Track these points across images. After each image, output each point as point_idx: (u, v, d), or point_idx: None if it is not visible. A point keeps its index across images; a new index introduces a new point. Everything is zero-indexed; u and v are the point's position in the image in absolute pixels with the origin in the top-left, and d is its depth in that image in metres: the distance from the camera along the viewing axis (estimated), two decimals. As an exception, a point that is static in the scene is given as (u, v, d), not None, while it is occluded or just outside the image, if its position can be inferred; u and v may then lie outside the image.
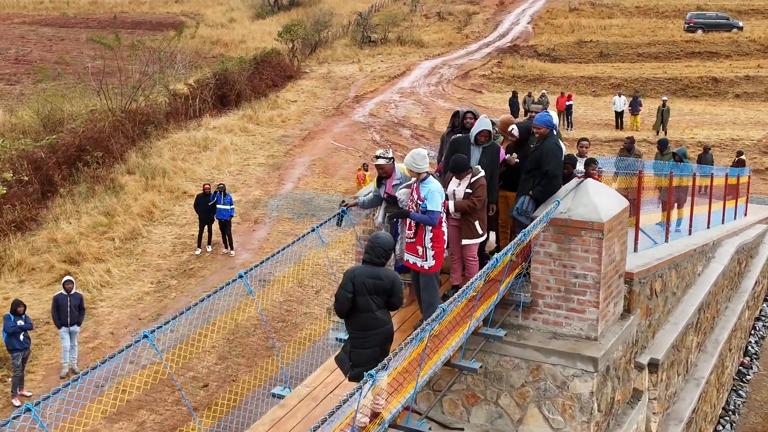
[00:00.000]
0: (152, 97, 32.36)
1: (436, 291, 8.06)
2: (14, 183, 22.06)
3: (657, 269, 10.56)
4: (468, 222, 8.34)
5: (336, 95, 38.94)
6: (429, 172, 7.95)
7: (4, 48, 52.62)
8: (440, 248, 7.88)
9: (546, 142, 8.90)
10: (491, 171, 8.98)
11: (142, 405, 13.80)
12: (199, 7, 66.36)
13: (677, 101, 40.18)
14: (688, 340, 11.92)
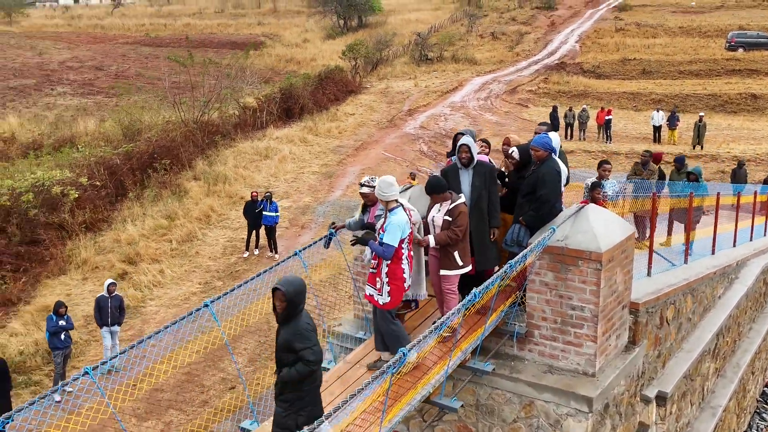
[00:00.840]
0: (224, 109, 31.89)
1: (396, 326, 6.75)
2: (88, 187, 21.66)
3: (669, 296, 9.01)
4: (447, 251, 7.01)
5: (391, 109, 37.73)
6: (399, 202, 6.65)
7: (107, 64, 53.32)
8: (396, 286, 6.57)
9: (543, 166, 7.50)
10: (488, 194, 7.62)
11: (172, 405, 12.94)
12: (278, 28, 66.11)
13: (716, 117, 37.57)
14: (704, 368, 10.29)
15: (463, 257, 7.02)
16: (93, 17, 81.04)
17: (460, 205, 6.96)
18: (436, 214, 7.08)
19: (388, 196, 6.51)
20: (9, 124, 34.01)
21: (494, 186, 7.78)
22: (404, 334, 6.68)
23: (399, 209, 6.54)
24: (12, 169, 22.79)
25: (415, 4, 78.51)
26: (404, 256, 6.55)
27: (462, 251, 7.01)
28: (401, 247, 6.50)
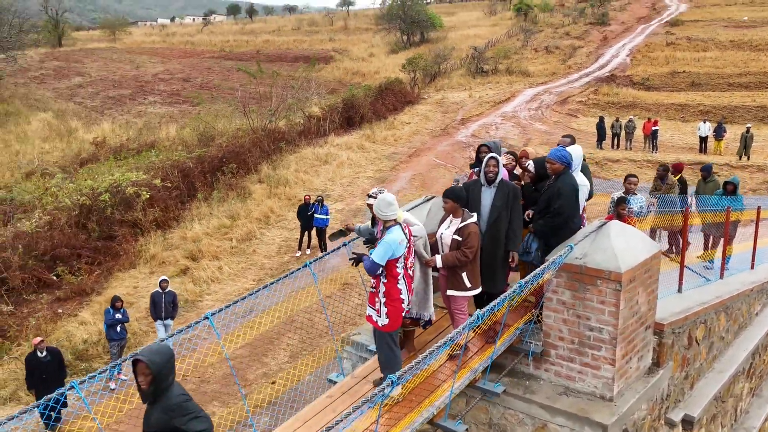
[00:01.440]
0: (291, 118, 31.71)
1: (392, 351, 5.92)
2: (161, 188, 21.68)
3: (699, 315, 7.95)
4: (455, 272, 6.22)
5: (445, 118, 36.78)
6: (397, 221, 5.88)
7: (194, 77, 54.25)
8: (394, 307, 5.77)
9: (559, 180, 6.62)
10: (509, 215, 6.67)
11: (215, 396, 12.54)
12: (347, 44, 66.00)
13: (764, 128, 35.11)
14: (738, 388, 9.14)
15: (471, 279, 6.21)
16: (185, 34, 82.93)
17: (470, 225, 6.16)
18: (445, 231, 6.31)
19: (386, 215, 5.75)
20: (102, 130, 34.83)
21: (518, 206, 6.77)
22: (398, 361, 5.89)
23: (395, 228, 5.76)
24: (95, 171, 23.10)
25: (474, 20, 77.13)
26: (400, 276, 5.77)
27: (470, 273, 6.20)
28: (395, 267, 5.72)
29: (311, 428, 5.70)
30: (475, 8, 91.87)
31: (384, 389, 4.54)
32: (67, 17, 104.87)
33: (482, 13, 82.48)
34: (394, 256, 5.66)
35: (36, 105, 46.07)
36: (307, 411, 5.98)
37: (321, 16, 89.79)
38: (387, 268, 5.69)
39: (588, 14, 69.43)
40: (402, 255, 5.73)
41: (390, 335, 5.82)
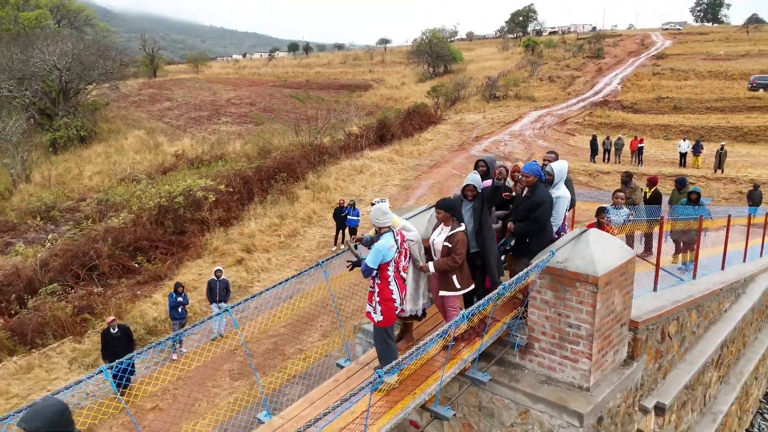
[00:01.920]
0: (334, 135, 31.43)
1: (387, 345, 5.47)
2: (225, 192, 21.59)
3: (672, 313, 7.30)
4: (446, 275, 5.75)
5: (462, 135, 36.02)
6: (390, 227, 5.42)
7: (258, 101, 54.40)
8: (387, 306, 5.34)
9: (536, 192, 6.13)
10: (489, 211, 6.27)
11: (258, 368, 12.21)
12: (383, 74, 65.48)
13: (737, 146, 33.51)
14: (707, 377, 8.40)
15: (461, 280, 5.73)
16: (253, 67, 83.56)
17: (458, 233, 5.69)
18: (437, 238, 5.84)
19: (381, 223, 5.33)
20: (183, 144, 35.09)
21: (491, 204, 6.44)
22: (394, 354, 5.43)
23: (387, 235, 5.34)
24: (172, 178, 23.14)
25: (489, 55, 75.76)
26: (391, 278, 5.32)
27: (460, 275, 5.72)
28: (386, 270, 5.28)
29: (318, 408, 5.30)
30: (491, 45, 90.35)
31: (373, 382, 4.10)
32: (161, 54, 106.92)
33: (496, 48, 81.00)
34: (384, 260, 5.21)
35: (133, 124, 46.80)
36: (315, 393, 5.57)
37: (363, 52, 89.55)
38: (379, 271, 5.25)
39: (586, 49, 67.57)
40: (392, 259, 5.27)
41: (385, 330, 5.38)
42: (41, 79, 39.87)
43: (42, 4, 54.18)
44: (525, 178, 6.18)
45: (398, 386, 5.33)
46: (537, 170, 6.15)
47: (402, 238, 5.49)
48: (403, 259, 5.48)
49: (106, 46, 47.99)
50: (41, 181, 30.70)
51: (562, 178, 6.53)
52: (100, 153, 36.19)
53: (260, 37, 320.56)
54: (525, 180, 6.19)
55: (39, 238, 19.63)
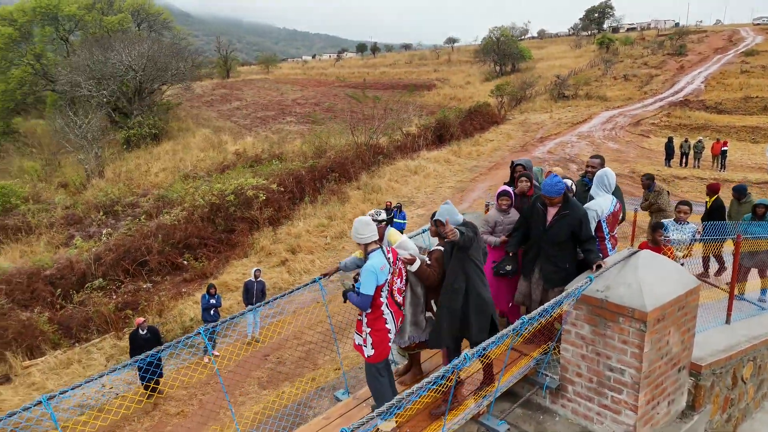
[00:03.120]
0: (392, 135, 30.76)
1: (380, 383, 4.59)
2: (276, 192, 21.41)
3: (747, 353, 6.00)
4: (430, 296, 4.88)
5: (525, 136, 34.33)
6: (376, 242, 4.54)
7: (323, 101, 54.69)
8: (380, 338, 4.49)
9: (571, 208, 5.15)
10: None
11: (287, 377, 11.70)
12: (448, 74, 64.11)
13: (835, 149, 29.88)
14: (791, 429, 6.95)
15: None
16: (321, 68, 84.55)
17: (435, 251, 4.81)
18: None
19: (364, 238, 4.46)
20: (245, 143, 35.58)
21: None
22: (387, 391, 4.60)
23: (376, 253, 4.46)
24: (227, 176, 23.26)
25: (561, 53, 72.61)
26: (384, 304, 4.47)
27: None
28: (379, 296, 4.42)
29: None
30: (563, 43, 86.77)
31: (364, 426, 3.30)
32: (235, 55, 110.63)
33: (568, 46, 77.58)
34: (378, 283, 4.36)
35: (202, 123, 48.24)
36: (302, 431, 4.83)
37: (429, 51, 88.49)
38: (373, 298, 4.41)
39: (666, 46, 63.31)
40: (385, 281, 4.41)
41: (376, 366, 4.55)
42: (118, 80, 41.77)
43: (124, 8, 56.96)
44: (550, 201, 5.18)
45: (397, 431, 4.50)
46: (561, 189, 5.15)
47: (395, 255, 4.64)
48: (397, 281, 4.63)
49: (180, 48, 49.65)
50: (112, 176, 31.99)
51: (602, 185, 5.45)
52: (168, 150, 37.38)
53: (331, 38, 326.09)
54: (551, 202, 5.19)
55: (99, 232, 20.19)
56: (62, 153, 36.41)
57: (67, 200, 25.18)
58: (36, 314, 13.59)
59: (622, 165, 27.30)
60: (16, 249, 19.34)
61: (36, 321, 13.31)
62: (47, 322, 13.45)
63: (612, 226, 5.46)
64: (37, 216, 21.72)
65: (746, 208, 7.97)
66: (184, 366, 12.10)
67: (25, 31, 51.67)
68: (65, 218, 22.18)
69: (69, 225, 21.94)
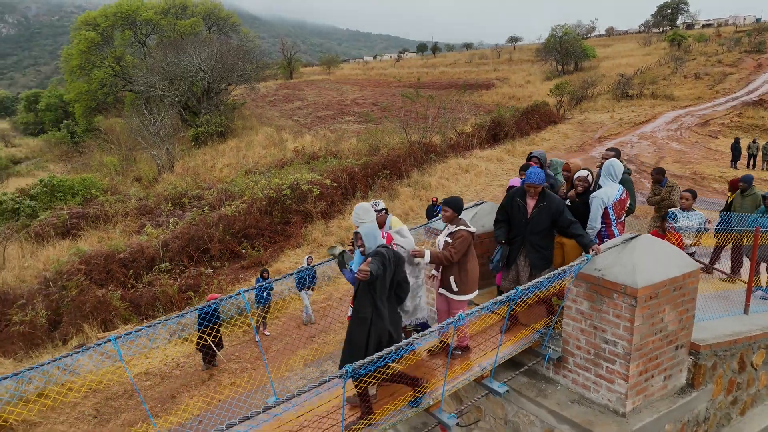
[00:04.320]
0: (445, 134, 31.19)
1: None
2: (330, 187, 22.39)
3: (757, 340, 6.19)
4: (444, 274, 5.38)
5: (583, 136, 33.78)
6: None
7: (380, 101, 55.66)
8: None
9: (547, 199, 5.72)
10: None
11: (330, 357, 12.50)
12: (508, 73, 63.56)
13: None
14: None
15: (458, 284, 5.33)
16: (381, 68, 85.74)
17: (461, 231, 5.32)
18: (440, 237, 5.50)
19: (363, 221, 5.02)
20: (304, 141, 37.02)
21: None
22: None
23: None
24: (285, 172, 24.49)
25: (628, 51, 70.26)
26: None
27: (458, 277, 5.33)
28: None
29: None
30: (631, 40, 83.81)
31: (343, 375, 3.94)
32: (299, 56, 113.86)
33: (637, 44, 74.91)
34: None
35: (265, 122, 50.37)
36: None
37: (490, 50, 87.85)
38: None
39: (744, 43, 59.99)
40: None
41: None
42: (189, 80, 44.40)
43: (196, 12, 60.24)
44: (534, 189, 5.65)
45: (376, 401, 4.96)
46: (542, 179, 5.64)
47: (389, 239, 5.20)
48: None
49: (246, 50, 52.00)
50: (181, 171, 34.20)
51: (609, 174, 5.84)
52: (233, 147, 39.43)
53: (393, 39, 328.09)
54: (534, 191, 5.66)
55: (167, 221, 21.86)
56: (138, 149, 39.19)
57: (140, 192, 27.29)
58: (110, 292, 15.09)
59: (684, 166, 26.51)
60: (95, 235, 21.29)
61: (110, 298, 14.81)
62: (119, 299, 14.92)
63: (618, 213, 5.84)
64: (114, 206, 23.72)
65: (749, 201, 7.96)
66: (239, 342, 13.19)
67: (106, 35, 55.72)
68: (138, 209, 24.07)
69: (141, 215, 23.82)
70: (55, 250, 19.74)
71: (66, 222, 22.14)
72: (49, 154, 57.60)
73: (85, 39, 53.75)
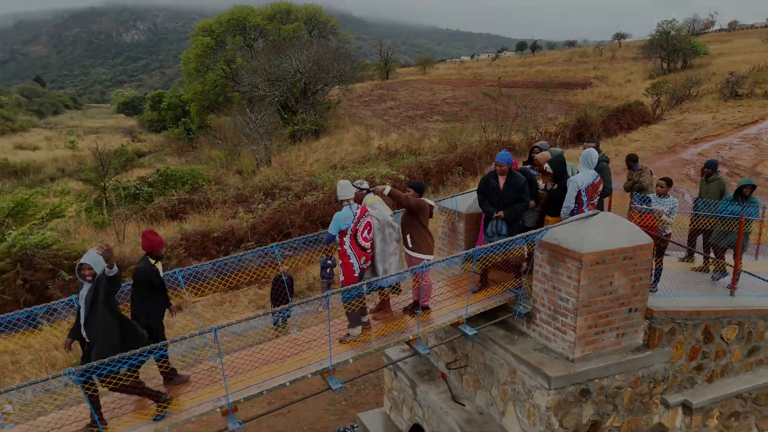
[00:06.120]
0: (527, 133, 31.59)
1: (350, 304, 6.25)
2: (403, 181, 23.89)
3: (725, 315, 6.85)
4: (404, 233, 6.70)
5: (677, 137, 32.51)
6: (349, 200, 6.28)
7: (470, 101, 56.30)
8: (346, 269, 6.23)
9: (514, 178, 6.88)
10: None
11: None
12: (609, 72, 61.42)
13: None
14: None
15: (413, 242, 6.64)
16: (476, 68, 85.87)
17: (423, 199, 6.67)
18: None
19: (342, 196, 6.28)
20: (387, 139, 38.89)
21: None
22: (356, 316, 6.42)
23: (346, 207, 6.23)
24: (362, 166, 26.37)
25: (748, 47, 65.15)
26: (347, 244, 6.19)
27: (413, 235, 6.68)
28: (343, 237, 6.18)
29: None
30: (756, 35, 77.35)
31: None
32: (398, 57, 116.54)
33: (760, 39, 69.14)
34: (341, 228, 6.18)
35: (357, 121, 52.99)
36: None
37: (592, 48, 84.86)
38: (339, 237, 6.20)
39: None
40: (348, 227, 6.16)
41: (348, 291, 6.05)
42: (288, 81, 48.00)
43: (299, 17, 64.43)
44: (500, 168, 6.75)
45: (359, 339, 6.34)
46: (509, 160, 6.75)
47: (362, 212, 6.31)
48: (365, 231, 6.27)
49: (343, 51, 54.91)
50: (277, 165, 37.42)
51: (585, 163, 6.80)
52: (324, 144, 42.25)
53: (493, 37, 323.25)
54: (500, 170, 6.75)
55: (257, 208, 24.56)
56: (241, 145, 43.19)
57: (239, 183, 30.49)
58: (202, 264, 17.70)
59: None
60: (198, 218, 24.42)
61: (208, 274, 17.39)
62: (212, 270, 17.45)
63: (591, 196, 6.79)
64: (215, 194, 26.91)
65: (714, 186, 8.27)
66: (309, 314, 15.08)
67: (220, 40, 61.32)
68: (235, 197, 27.09)
69: (237, 202, 26.80)
70: (164, 230, 23.01)
71: (175, 206, 25.54)
72: (168, 148, 64.49)
73: (201, 44, 59.59)
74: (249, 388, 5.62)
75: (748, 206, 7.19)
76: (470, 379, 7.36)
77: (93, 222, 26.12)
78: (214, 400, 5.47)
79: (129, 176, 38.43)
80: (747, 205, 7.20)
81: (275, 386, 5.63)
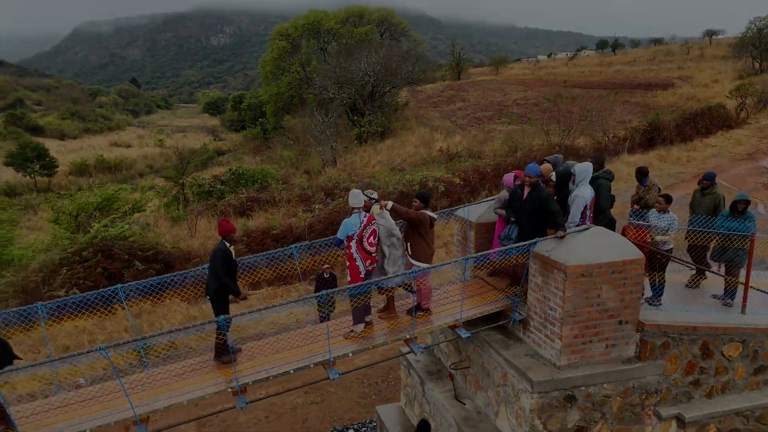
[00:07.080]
0: (594, 136, 30.86)
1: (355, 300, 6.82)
2: (457, 185, 24.23)
3: (727, 332, 6.86)
4: (406, 240, 7.13)
5: (759, 143, 30.50)
6: (359, 208, 6.81)
7: (542, 102, 55.16)
8: (353, 270, 6.82)
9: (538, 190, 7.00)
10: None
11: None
12: (694, 71, 58.03)
13: None
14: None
15: (413, 249, 7.07)
16: (551, 67, 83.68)
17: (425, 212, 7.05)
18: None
19: (353, 203, 6.82)
20: (452, 141, 39.11)
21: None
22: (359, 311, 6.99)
23: (355, 214, 6.77)
24: (419, 169, 26.90)
25: None
26: (353, 249, 6.73)
27: (414, 244, 7.07)
28: (350, 241, 6.71)
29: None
30: None
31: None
32: (472, 57, 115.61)
33: None
34: (348, 233, 6.76)
35: (424, 122, 53.42)
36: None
37: (678, 46, 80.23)
38: (347, 242, 6.80)
39: None
40: (354, 233, 6.72)
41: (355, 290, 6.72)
42: (357, 84, 49.27)
43: (371, 20, 65.76)
44: (529, 179, 7.02)
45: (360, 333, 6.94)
46: (537, 172, 6.96)
47: (369, 219, 6.82)
48: (370, 237, 6.82)
49: (412, 53, 55.55)
50: (341, 166, 38.68)
51: (585, 178, 7.02)
52: (389, 146, 43.06)
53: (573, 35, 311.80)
54: (530, 181, 7.02)
55: (315, 208, 25.74)
56: (311, 146, 44.95)
57: (305, 183, 31.93)
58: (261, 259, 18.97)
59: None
60: (263, 216, 25.95)
61: (260, 263, 18.64)
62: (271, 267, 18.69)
63: (590, 210, 7.04)
64: (281, 193, 28.42)
65: (709, 199, 7.97)
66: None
67: (295, 44, 63.78)
68: (299, 196, 28.48)
69: (301, 202, 28.16)
70: (230, 226, 24.67)
71: (243, 203, 27.25)
72: (245, 147, 67.94)
73: (278, 47, 62.29)
74: (258, 372, 6.40)
75: (745, 222, 7.10)
76: (472, 380, 7.80)
77: (170, 216, 28.42)
78: (226, 381, 6.30)
79: (207, 174, 41.12)
80: (743, 220, 7.12)
81: (281, 372, 6.36)
